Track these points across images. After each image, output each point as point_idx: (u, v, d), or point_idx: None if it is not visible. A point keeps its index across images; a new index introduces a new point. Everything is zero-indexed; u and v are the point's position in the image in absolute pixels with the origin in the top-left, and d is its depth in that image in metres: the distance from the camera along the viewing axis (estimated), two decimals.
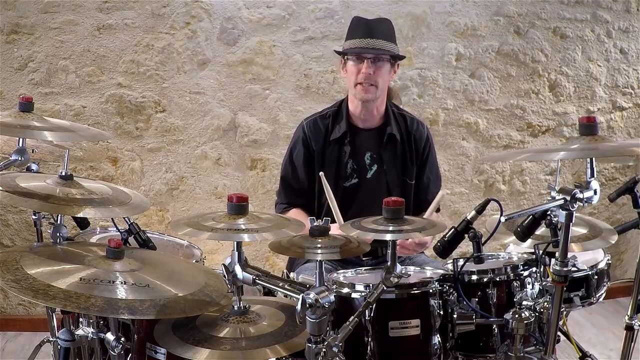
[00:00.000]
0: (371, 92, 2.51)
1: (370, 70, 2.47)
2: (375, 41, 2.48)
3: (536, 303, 1.87)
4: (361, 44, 2.49)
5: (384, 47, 2.49)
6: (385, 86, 2.56)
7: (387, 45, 2.50)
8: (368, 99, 2.53)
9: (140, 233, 2.01)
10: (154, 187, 3.74)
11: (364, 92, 2.51)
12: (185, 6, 3.61)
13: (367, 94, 2.51)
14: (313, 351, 1.50)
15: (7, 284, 1.43)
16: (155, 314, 1.48)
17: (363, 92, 2.51)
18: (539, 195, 4.11)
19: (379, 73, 2.49)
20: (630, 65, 4.12)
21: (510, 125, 4.01)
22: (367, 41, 2.48)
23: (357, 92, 2.53)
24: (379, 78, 2.50)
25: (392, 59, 2.54)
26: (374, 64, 2.48)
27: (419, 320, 1.82)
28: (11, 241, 3.74)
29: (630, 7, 4.03)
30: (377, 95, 2.54)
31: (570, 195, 1.67)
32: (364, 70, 2.48)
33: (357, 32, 2.52)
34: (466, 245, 1.79)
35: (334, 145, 2.62)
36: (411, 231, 1.69)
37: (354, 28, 2.55)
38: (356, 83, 2.51)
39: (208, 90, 3.69)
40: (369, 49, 2.48)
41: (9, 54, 3.56)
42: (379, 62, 2.49)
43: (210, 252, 3.64)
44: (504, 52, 3.92)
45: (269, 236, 1.66)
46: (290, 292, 1.59)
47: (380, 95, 2.55)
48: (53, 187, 1.76)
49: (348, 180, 2.62)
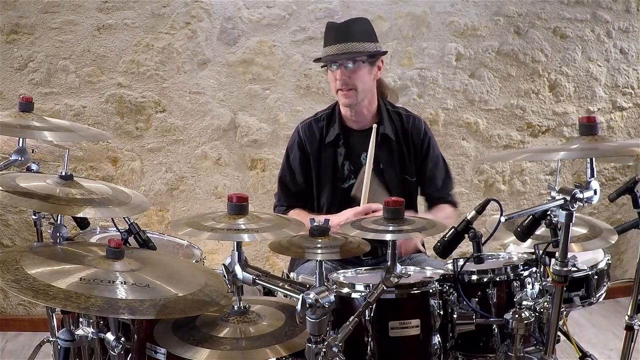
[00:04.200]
0: (351, 96, 2.50)
1: (345, 76, 2.47)
2: (347, 45, 2.45)
3: (536, 303, 1.86)
4: (332, 51, 2.47)
5: (356, 49, 2.45)
6: (367, 87, 2.53)
7: (360, 46, 2.46)
8: (350, 103, 2.53)
9: (140, 233, 2.01)
10: (154, 187, 3.74)
11: (344, 98, 2.51)
12: (185, 6, 3.61)
13: (348, 99, 2.51)
14: (313, 351, 1.50)
15: (7, 284, 1.43)
16: (155, 314, 1.48)
17: (344, 97, 2.51)
18: (539, 195, 4.11)
19: (356, 76, 2.48)
20: (630, 65, 4.12)
21: (510, 125, 4.01)
22: (338, 47, 2.45)
23: (340, 98, 2.55)
24: (357, 81, 2.48)
25: (370, 58, 2.51)
26: (349, 69, 2.46)
27: (419, 320, 1.82)
28: (11, 241, 3.74)
29: (630, 7, 4.03)
30: (360, 98, 2.52)
31: (570, 195, 1.67)
32: (339, 77, 2.48)
33: (329, 38, 2.51)
34: (466, 245, 1.79)
35: (329, 148, 2.62)
36: (411, 231, 1.69)
37: (327, 35, 2.54)
38: (336, 89, 2.52)
39: (208, 90, 3.69)
40: (340, 55, 2.46)
41: (9, 54, 3.56)
42: (354, 66, 2.47)
43: (210, 252, 3.64)
44: (504, 52, 3.92)
45: (269, 236, 1.65)
46: (290, 292, 1.59)
47: (364, 96, 2.53)
48: (53, 187, 1.76)
49: (345, 182, 2.61)
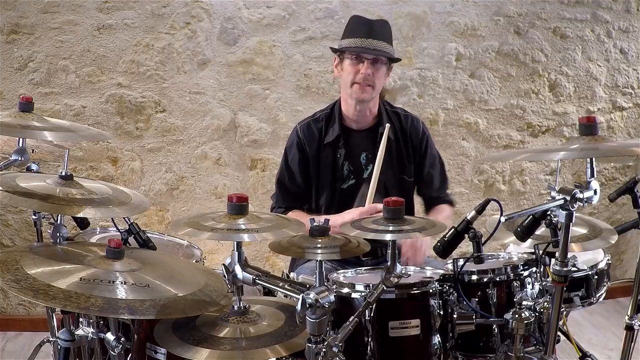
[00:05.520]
0: (368, 92, 2.50)
1: (370, 71, 2.46)
2: (376, 42, 2.46)
3: (536, 303, 1.87)
4: (362, 44, 2.46)
5: (384, 49, 2.48)
6: (380, 88, 2.56)
7: (386, 47, 2.49)
8: (364, 99, 2.52)
9: (140, 233, 2.01)
10: (154, 187, 3.74)
11: (360, 92, 2.50)
12: (185, 6, 3.61)
13: (364, 94, 2.50)
14: (313, 351, 1.50)
15: (7, 284, 1.43)
16: (155, 314, 1.48)
17: (360, 91, 2.50)
18: (539, 195, 4.11)
19: (377, 74, 2.49)
20: (630, 65, 4.12)
21: (510, 125, 4.01)
22: (369, 41, 2.46)
23: (354, 92, 2.51)
24: (377, 79, 2.50)
25: (389, 61, 2.54)
26: (373, 65, 2.47)
27: (419, 320, 1.82)
28: (11, 241, 3.74)
29: (630, 7, 4.03)
30: (373, 96, 2.54)
31: (570, 195, 1.67)
32: (363, 71, 2.46)
33: (357, 31, 2.50)
34: (466, 245, 1.79)
35: (328, 149, 2.61)
36: (411, 231, 1.69)
37: (354, 27, 2.53)
38: (353, 82, 2.50)
39: (208, 90, 3.69)
40: (370, 50, 2.46)
41: (9, 54, 3.56)
42: (377, 64, 2.48)
43: (210, 252, 3.64)
44: (504, 52, 3.92)
45: (269, 236, 1.65)
46: (290, 292, 1.59)
47: (375, 96, 2.56)
48: (53, 187, 1.76)
49: (345, 182, 2.61)
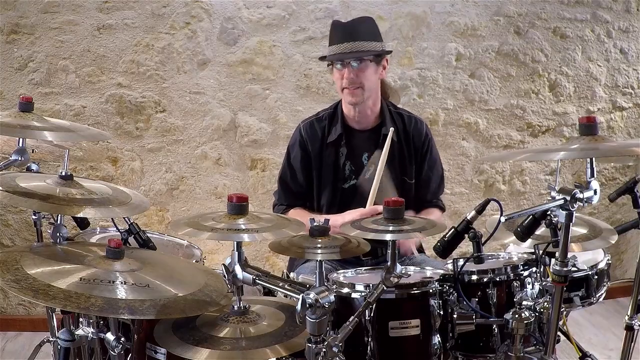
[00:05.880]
0: (358, 94, 2.51)
1: (352, 74, 2.48)
2: (355, 43, 2.46)
3: (536, 303, 1.87)
4: (339, 49, 2.47)
5: (364, 48, 2.47)
6: (373, 85, 2.55)
7: (367, 45, 2.48)
8: (356, 102, 2.53)
9: (140, 233, 2.01)
10: (154, 187, 3.74)
11: (350, 96, 2.52)
12: (185, 6, 3.61)
13: (354, 97, 2.52)
14: (313, 351, 1.50)
15: (7, 284, 1.43)
16: (155, 314, 1.48)
17: (350, 95, 2.52)
18: (539, 195, 4.11)
19: (363, 75, 2.49)
20: (630, 65, 4.12)
21: (510, 125, 4.01)
22: (345, 45, 2.46)
23: (345, 97, 2.55)
24: (364, 80, 2.50)
25: (377, 57, 2.52)
26: (358, 66, 2.47)
27: (419, 320, 1.82)
28: (11, 241, 3.74)
29: (630, 7, 4.03)
30: (366, 97, 2.54)
31: (570, 195, 1.67)
32: (346, 75, 2.49)
33: (335, 37, 2.51)
34: (466, 245, 1.79)
35: (330, 148, 2.62)
36: (411, 231, 1.69)
37: (333, 33, 2.54)
38: (342, 88, 2.53)
39: (208, 90, 3.69)
40: (347, 54, 2.46)
41: (9, 54, 3.56)
42: (361, 64, 2.48)
43: (210, 252, 3.64)
44: (504, 52, 3.92)
45: (269, 236, 1.65)
46: (290, 292, 1.58)
47: (369, 95, 2.55)
48: (53, 187, 1.76)
49: (346, 182, 2.62)
